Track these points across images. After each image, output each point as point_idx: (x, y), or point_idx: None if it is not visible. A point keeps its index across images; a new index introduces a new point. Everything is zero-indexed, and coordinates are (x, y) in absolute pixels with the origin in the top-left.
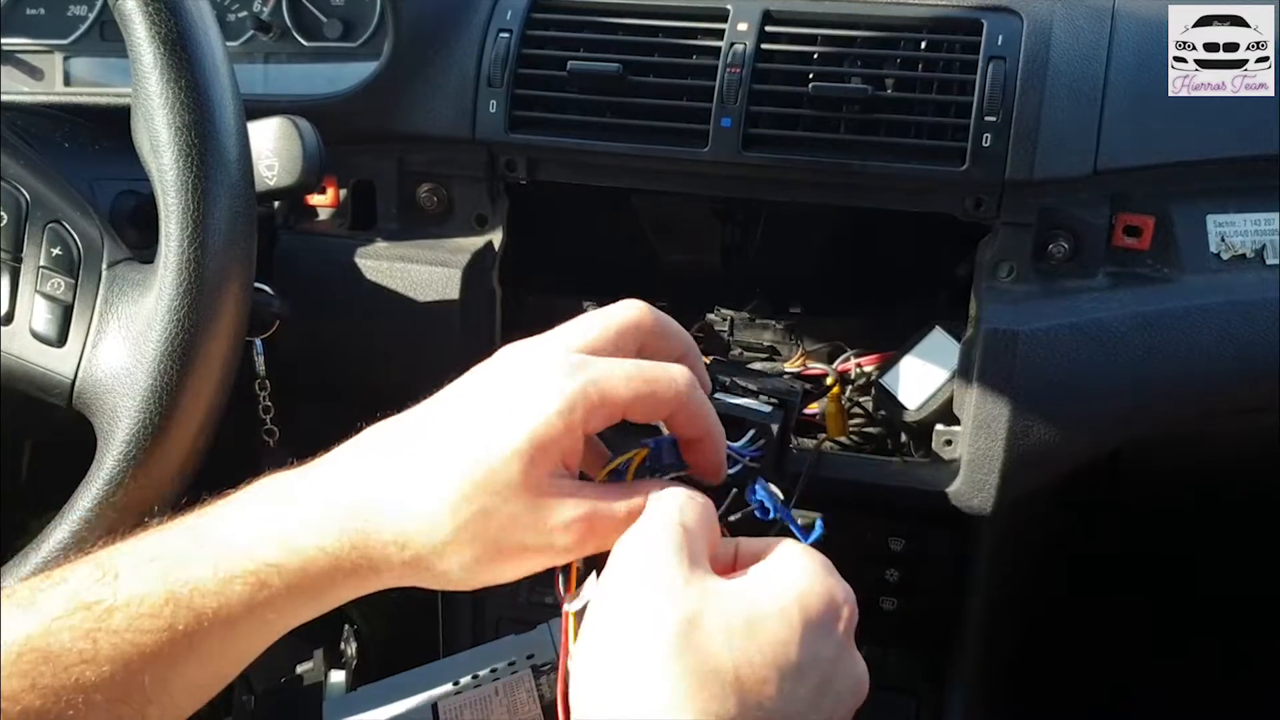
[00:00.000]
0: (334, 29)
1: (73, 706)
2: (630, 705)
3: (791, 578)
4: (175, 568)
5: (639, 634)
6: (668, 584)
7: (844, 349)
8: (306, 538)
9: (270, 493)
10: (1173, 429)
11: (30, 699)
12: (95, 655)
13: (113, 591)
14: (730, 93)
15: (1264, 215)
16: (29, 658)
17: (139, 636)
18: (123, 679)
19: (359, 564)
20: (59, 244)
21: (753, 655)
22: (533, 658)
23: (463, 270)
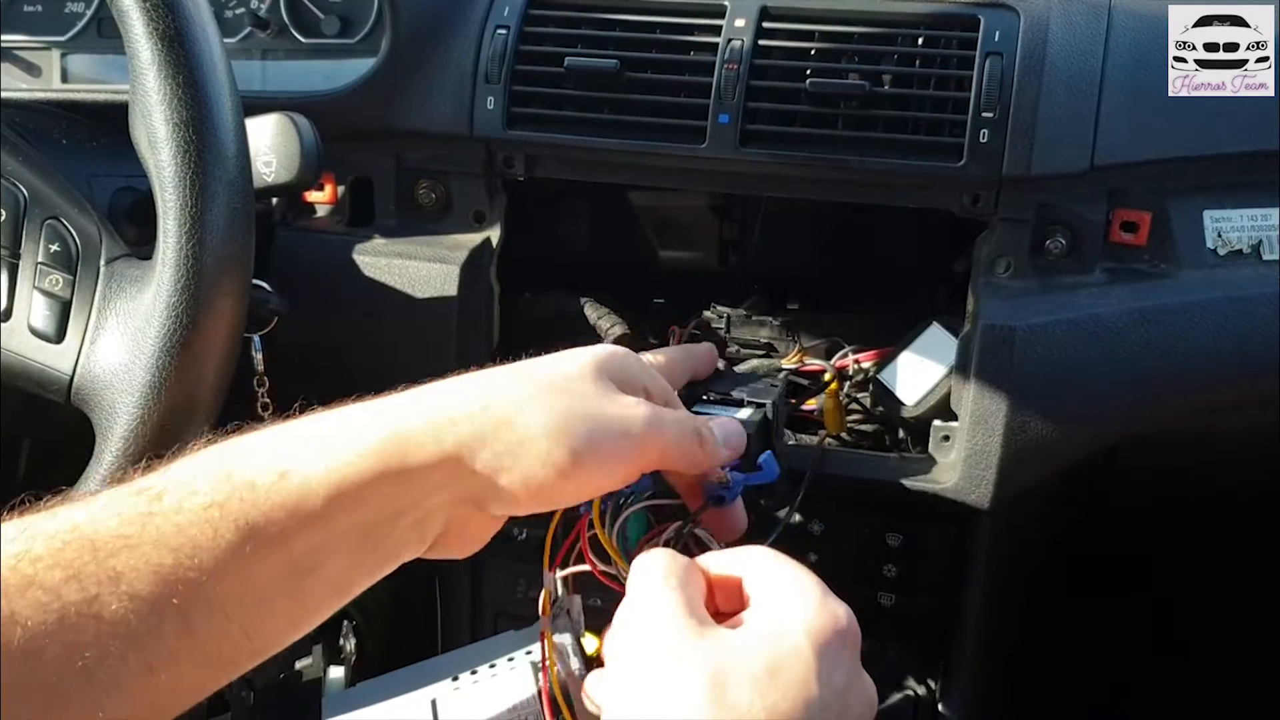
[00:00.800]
0: (331, 26)
1: (114, 600)
2: None
3: (796, 612)
4: (230, 454)
5: (668, 699)
6: (682, 645)
7: (842, 345)
8: (374, 412)
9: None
10: (1170, 425)
11: (70, 591)
12: (138, 539)
13: (165, 478)
14: (728, 89)
15: (1260, 211)
16: (73, 546)
17: (186, 519)
18: (168, 569)
19: (427, 431)
20: (57, 240)
21: (779, 699)
22: (531, 653)
23: (460, 267)
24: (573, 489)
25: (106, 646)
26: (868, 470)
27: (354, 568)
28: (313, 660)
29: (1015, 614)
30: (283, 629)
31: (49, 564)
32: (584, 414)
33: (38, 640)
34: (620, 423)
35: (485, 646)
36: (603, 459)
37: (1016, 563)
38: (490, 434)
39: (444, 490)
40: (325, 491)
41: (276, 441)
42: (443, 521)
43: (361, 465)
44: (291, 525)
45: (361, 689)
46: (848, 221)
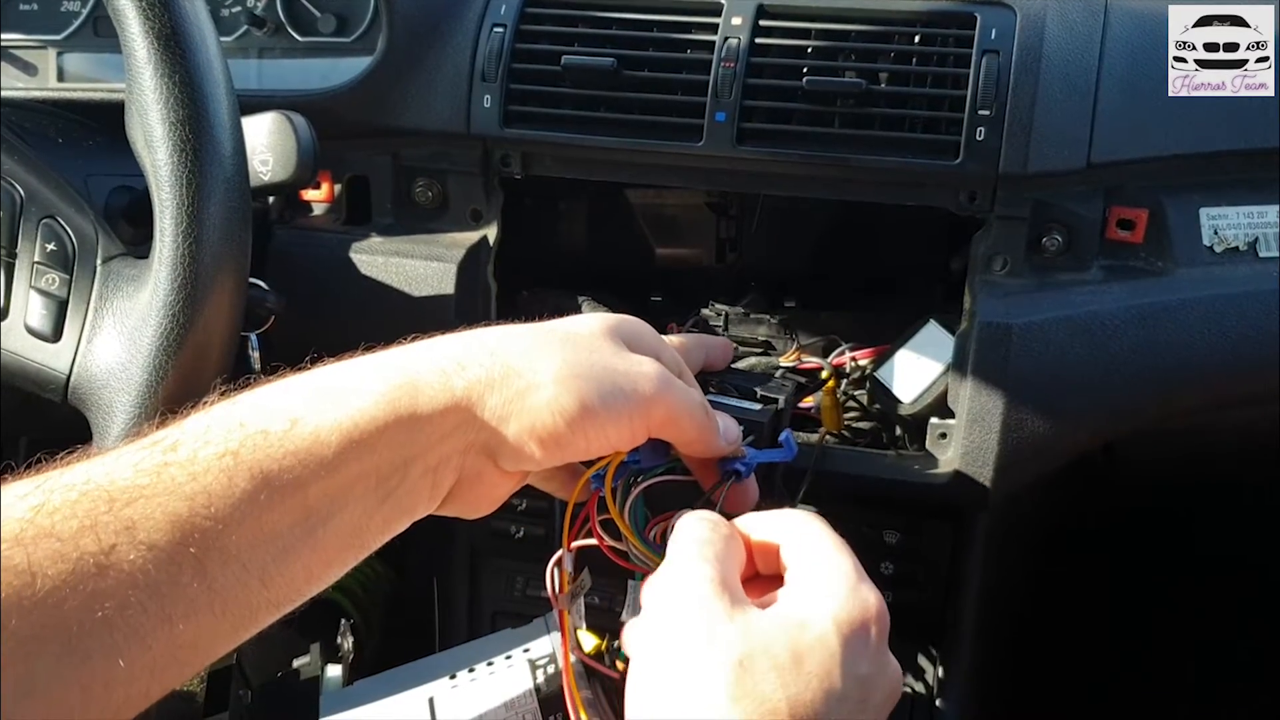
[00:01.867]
0: (328, 24)
1: (131, 550)
2: None
3: (826, 599)
4: (242, 405)
5: (692, 682)
6: (713, 628)
7: (839, 343)
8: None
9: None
10: (1167, 422)
11: (87, 541)
12: (153, 489)
13: (179, 430)
14: (724, 87)
15: (1257, 208)
16: (90, 497)
17: (200, 466)
18: (183, 517)
19: (438, 377)
20: (53, 240)
21: (802, 689)
22: (529, 651)
23: (457, 265)
24: (581, 441)
25: (125, 596)
26: (865, 468)
27: (367, 517)
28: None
29: (1012, 610)
30: (300, 579)
31: (65, 515)
32: (594, 365)
33: (58, 591)
34: (630, 377)
35: (483, 645)
36: (611, 411)
37: (1013, 559)
38: (499, 380)
39: (454, 437)
40: (337, 438)
41: (288, 391)
42: (455, 471)
43: (373, 412)
44: (305, 472)
45: (359, 687)
46: (844, 219)
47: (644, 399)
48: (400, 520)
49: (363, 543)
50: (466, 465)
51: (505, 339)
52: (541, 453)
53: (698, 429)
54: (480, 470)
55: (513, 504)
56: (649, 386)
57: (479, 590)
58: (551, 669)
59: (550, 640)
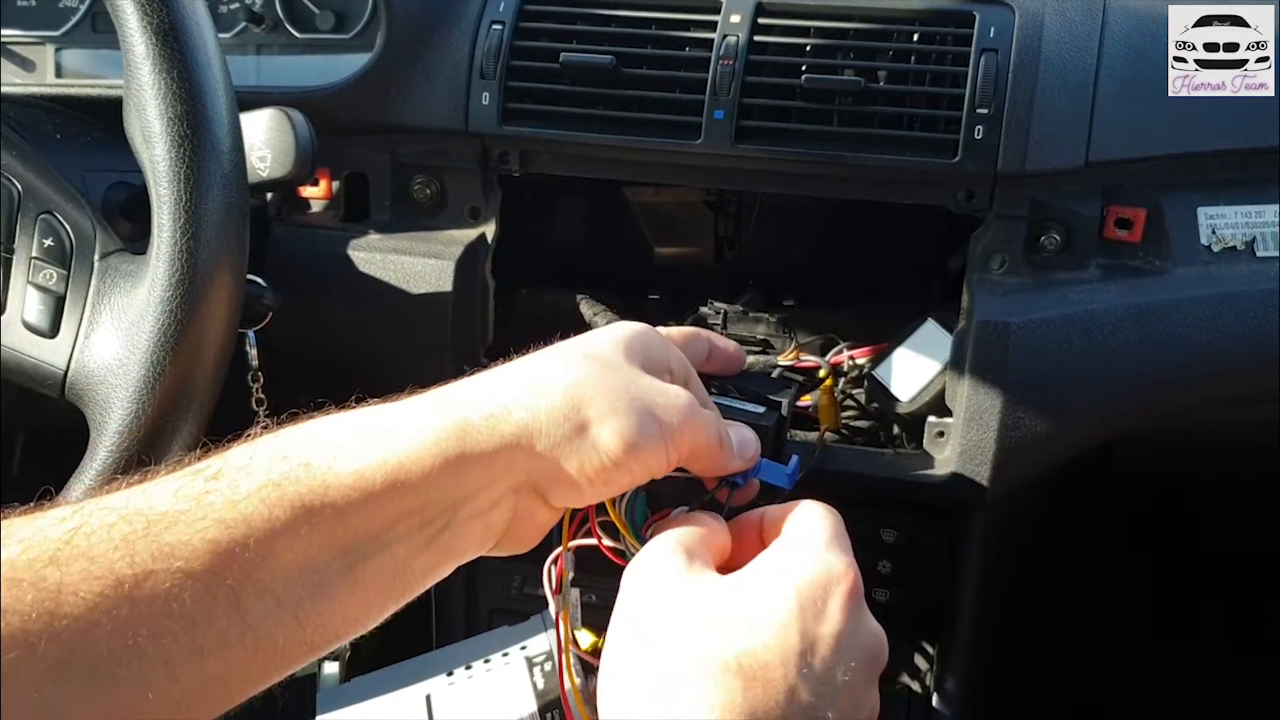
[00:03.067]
0: (326, 21)
1: (167, 577)
2: (655, 709)
3: (788, 563)
4: (286, 439)
5: (652, 639)
6: (670, 588)
7: (836, 341)
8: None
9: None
10: (1165, 420)
11: (123, 566)
12: (192, 516)
13: (222, 460)
14: (723, 85)
15: (1255, 208)
16: (127, 520)
17: (241, 495)
18: (222, 546)
19: (487, 418)
20: (51, 235)
21: (755, 647)
22: (525, 648)
23: (455, 262)
24: (626, 475)
25: (158, 624)
26: (862, 466)
27: (411, 557)
28: None
29: (1009, 609)
30: (337, 619)
31: (102, 538)
32: (632, 398)
33: (90, 615)
34: (664, 409)
35: (480, 642)
36: (651, 444)
37: (1010, 558)
38: (545, 422)
39: (504, 479)
40: (382, 476)
41: (333, 427)
42: (509, 511)
43: (419, 452)
44: (347, 508)
45: (356, 684)
46: (842, 217)
47: (676, 431)
48: (447, 564)
49: (405, 585)
50: (519, 505)
51: (545, 376)
52: (590, 489)
53: (704, 462)
54: (532, 509)
55: None
56: (679, 417)
57: (476, 588)
58: (549, 666)
59: (547, 638)
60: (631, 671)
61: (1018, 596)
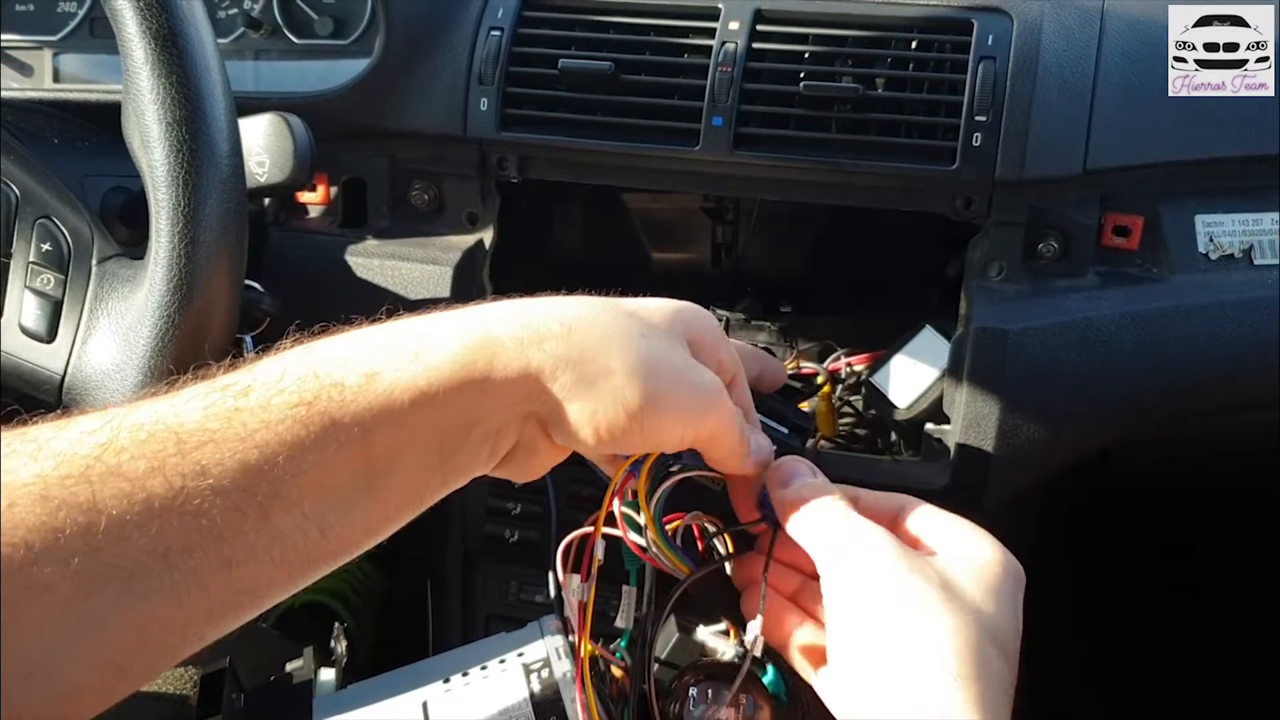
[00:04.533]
0: (325, 26)
1: (198, 494)
2: (918, 654)
3: (990, 548)
4: (317, 354)
5: (905, 605)
6: (909, 561)
7: (834, 348)
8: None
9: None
10: (1162, 427)
11: (155, 483)
12: (223, 434)
13: (251, 374)
14: (721, 91)
15: (1252, 215)
16: (158, 437)
17: (272, 414)
18: (252, 464)
19: (515, 342)
20: (49, 240)
21: (996, 606)
22: (523, 655)
23: (453, 268)
24: (636, 437)
25: (189, 540)
26: (860, 473)
27: (428, 473)
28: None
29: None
30: (358, 531)
31: (133, 455)
32: (666, 366)
33: (122, 530)
34: (695, 388)
35: (477, 648)
36: (670, 411)
37: None
38: (573, 360)
39: (520, 405)
40: (411, 395)
41: (364, 343)
42: (514, 436)
43: (447, 372)
44: (375, 427)
45: (352, 691)
46: (840, 224)
47: (699, 409)
48: (458, 478)
49: (420, 497)
50: (524, 433)
51: (584, 319)
52: (594, 439)
53: (723, 451)
54: (534, 440)
55: (507, 508)
56: (706, 397)
57: (473, 593)
58: (546, 673)
59: (544, 644)
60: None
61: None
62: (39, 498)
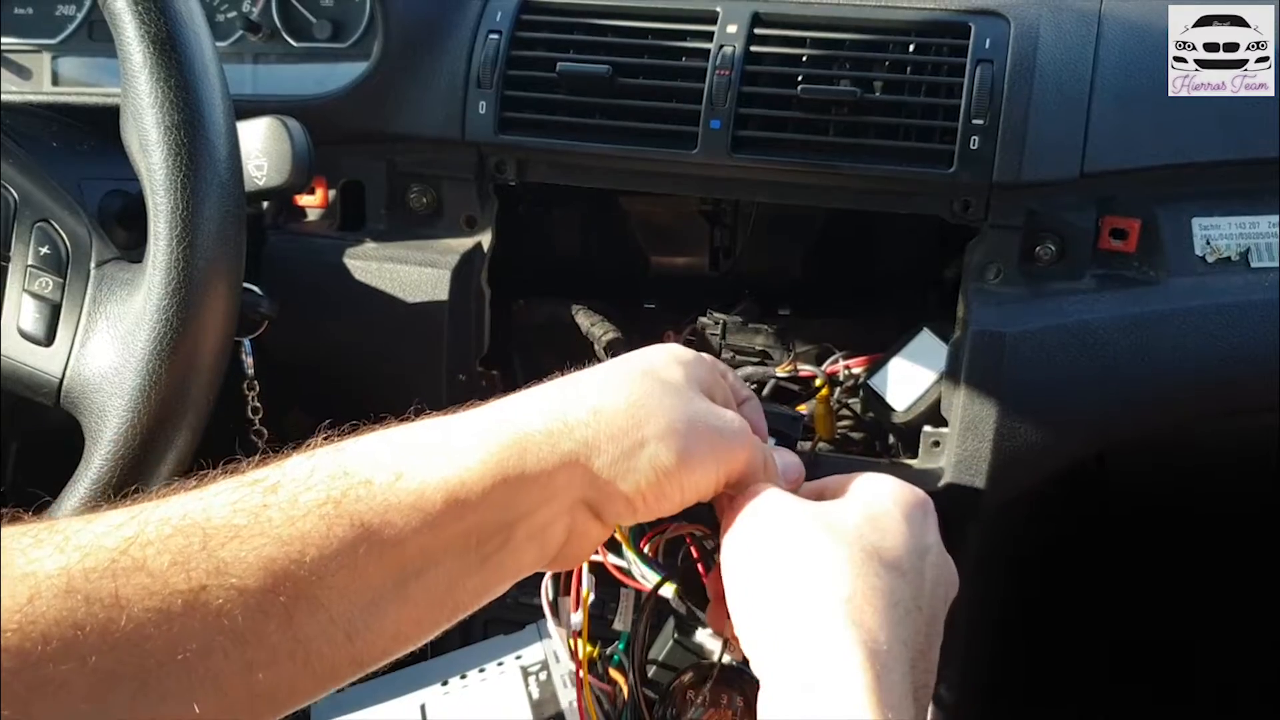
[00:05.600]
0: (323, 30)
1: (220, 593)
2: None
3: (883, 487)
4: (347, 453)
5: (793, 541)
6: (797, 504)
7: (832, 351)
8: (495, 415)
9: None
10: (1159, 431)
11: (178, 580)
12: (249, 531)
13: (280, 471)
14: (719, 95)
15: (1249, 218)
16: (184, 532)
17: (299, 512)
18: (278, 564)
19: (540, 444)
20: (47, 243)
21: (881, 541)
22: (521, 658)
23: (452, 271)
24: (678, 494)
25: (210, 640)
26: None
27: (464, 575)
28: None
29: (1004, 618)
30: (386, 635)
31: (158, 550)
32: (691, 419)
33: (143, 628)
34: (721, 433)
35: (475, 651)
36: (703, 463)
37: (1006, 567)
38: (606, 441)
39: (561, 497)
40: (443, 495)
41: (394, 443)
42: (565, 530)
43: (480, 470)
44: (406, 528)
45: (350, 693)
46: (838, 227)
47: (729, 453)
48: (502, 582)
49: (456, 603)
50: (575, 522)
51: (606, 394)
52: (644, 508)
53: (749, 482)
54: (586, 526)
55: None
56: (733, 440)
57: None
58: (543, 676)
59: (542, 647)
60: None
61: (1013, 606)
62: (63, 591)
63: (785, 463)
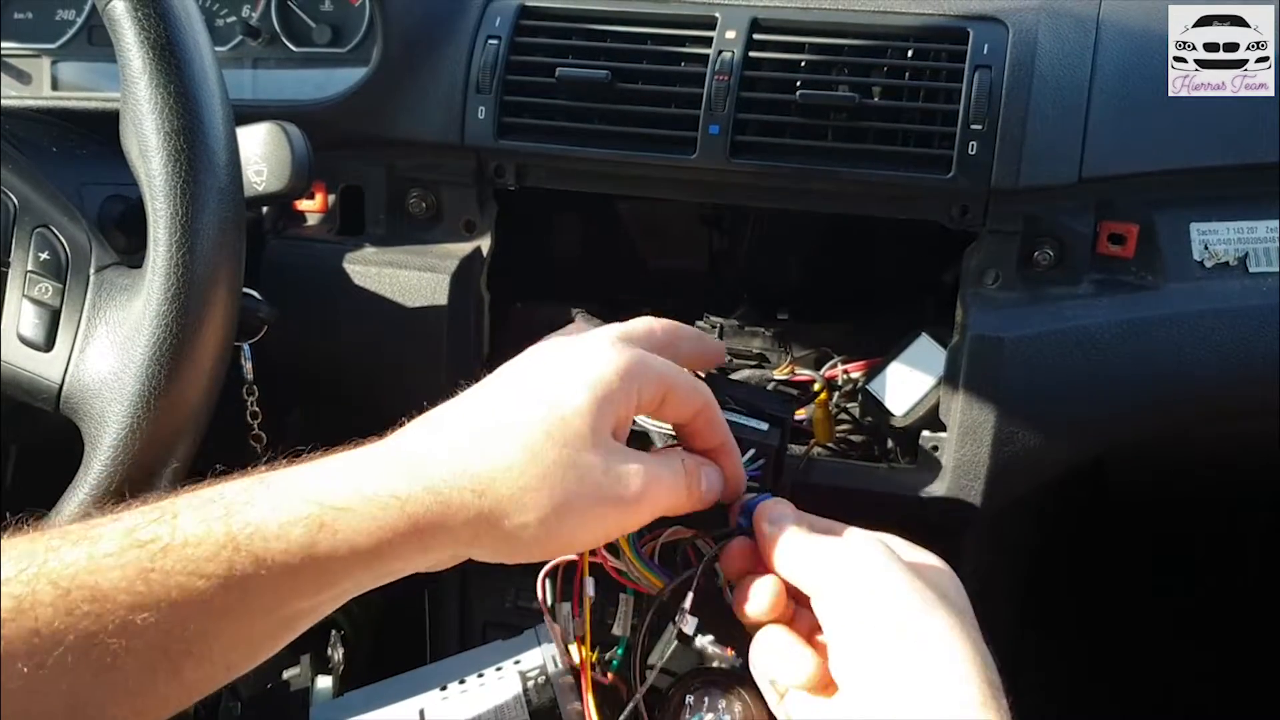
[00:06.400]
0: (323, 34)
1: (113, 652)
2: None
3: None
4: (238, 509)
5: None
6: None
7: (831, 355)
8: (379, 482)
9: (343, 453)
10: (1157, 436)
11: (72, 639)
12: (144, 597)
13: (170, 530)
14: (718, 100)
15: (1247, 223)
16: (77, 594)
17: (191, 580)
18: (168, 624)
19: (430, 514)
20: (47, 249)
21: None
22: (519, 663)
23: (451, 276)
24: (566, 552)
25: (104, 695)
26: (856, 480)
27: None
28: (300, 670)
29: (1003, 622)
30: (263, 664)
31: (51, 612)
32: (580, 489)
33: (35, 684)
34: (611, 499)
35: (474, 656)
36: (595, 528)
37: (1005, 571)
38: (489, 520)
39: (445, 560)
40: (335, 566)
41: (285, 512)
42: (451, 559)
43: (371, 545)
44: (294, 594)
45: (349, 699)
46: (837, 232)
47: (625, 516)
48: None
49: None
50: (458, 558)
51: (495, 471)
52: (527, 564)
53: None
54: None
55: None
56: (632, 503)
57: (470, 601)
58: (542, 680)
59: (541, 652)
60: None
61: (1012, 610)
62: None
63: (709, 480)
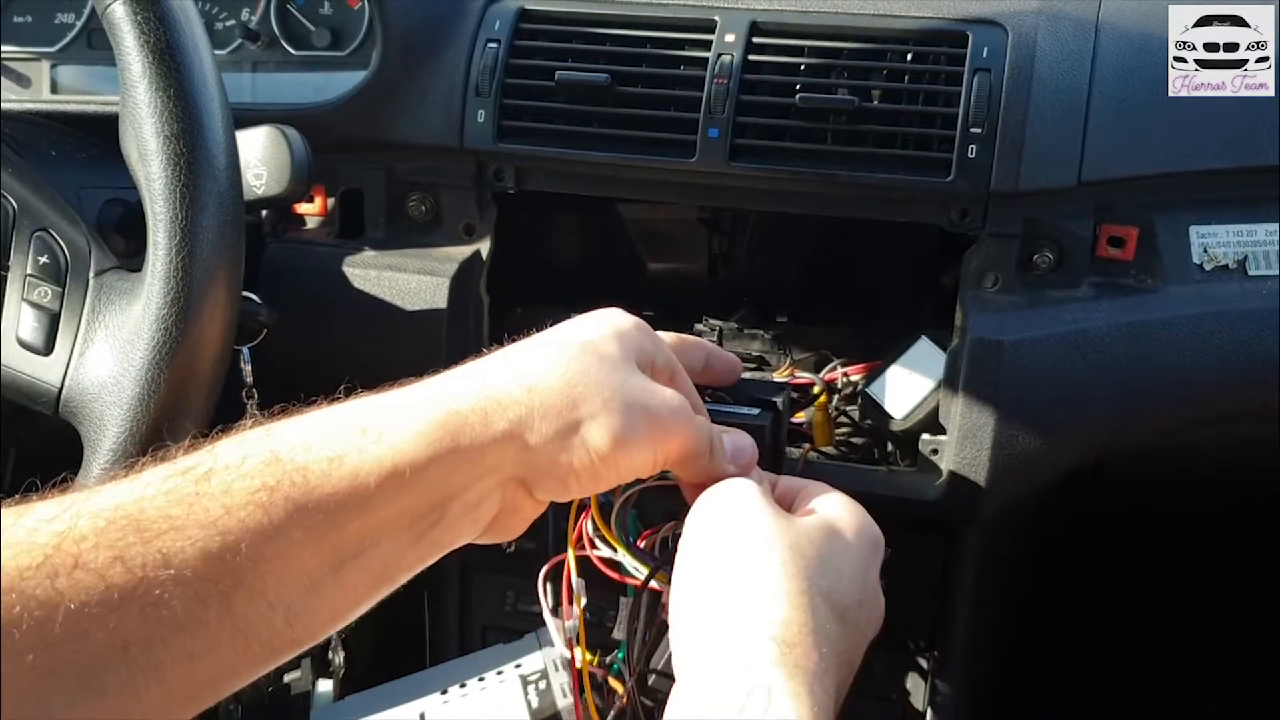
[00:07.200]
0: (322, 38)
1: (159, 585)
2: (742, 616)
3: (847, 515)
4: (279, 429)
5: (753, 558)
6: (768, 519)
7: (830, 358)
8: (424, 389)
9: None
10: (1159, 439)
11: (116, 573)
12: (185, 521)
13: (211, 457)
14: (717, 103)
15: (1246, 226)
16: (118, 525)
17: (234, 499)
18: (215, 552)
19: (475, 412)
20: (46, 252)
21: (835, 582)
22: (520, 667)
23: (450, 279)
24: (613, 473)
25: (149, 631)
26: (856, 483)
27: (399, 554)
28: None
29: (1003, 625)
30: (324, 617)
31: (93, 544)
32: (625, 395)
33: (81, 623)
34: (655, 410)
35: (474, 660)
36: (638, 444)
37: (1004, 574)
38: (539, 418)
39: (495, 473)
40: (376, 479)
41: (327, 425)
42: (496, 504)
43: (413, 452)
44: (340, 512)
45: (350, 702)
46: (836, 235)
47: (665, 432)
48: (434, 555)
49: (391, 578)
50: (506, 498)
51: (540, 372)
52: (577, 486)
53: (693, 466)
54: (518, 502)
55: None
56: (669, 419)
57: (470, 605)
58: (543, 684)
59: (541, 656)
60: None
61: (1011, 612)
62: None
63: (735, 445)
